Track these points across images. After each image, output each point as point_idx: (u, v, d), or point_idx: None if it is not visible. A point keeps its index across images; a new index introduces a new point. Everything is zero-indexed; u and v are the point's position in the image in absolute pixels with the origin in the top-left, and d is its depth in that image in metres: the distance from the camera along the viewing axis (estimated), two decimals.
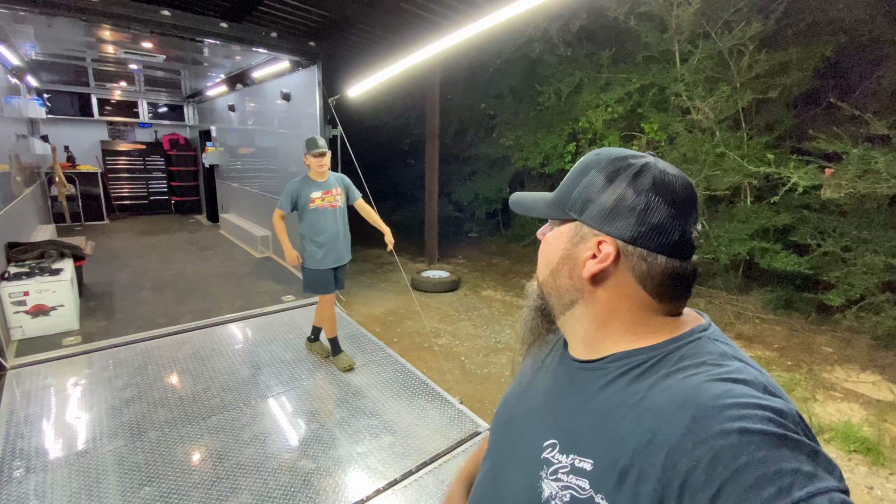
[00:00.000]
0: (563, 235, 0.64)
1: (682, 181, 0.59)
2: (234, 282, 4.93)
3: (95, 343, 3.36)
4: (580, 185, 0.63)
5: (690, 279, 0.60)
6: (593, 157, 0.64)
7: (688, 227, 0.58)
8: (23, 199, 4.92)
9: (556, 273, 0.65)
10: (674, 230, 0.57)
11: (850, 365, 3.93)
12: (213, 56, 5.14)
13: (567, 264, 0.63)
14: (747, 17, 4.63)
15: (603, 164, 0.62)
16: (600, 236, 0.60)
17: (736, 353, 0.57)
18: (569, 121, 6.33)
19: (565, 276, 0.63)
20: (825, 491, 0.41)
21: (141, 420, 2.54)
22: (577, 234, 0.62)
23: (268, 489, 2.09)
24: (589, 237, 0.61)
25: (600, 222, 0.60)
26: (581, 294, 0.62)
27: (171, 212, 9.31)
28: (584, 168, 0.64)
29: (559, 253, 0.64)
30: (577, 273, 0.62)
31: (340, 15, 4.44)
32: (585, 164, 0.64)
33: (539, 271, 0.69)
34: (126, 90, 8.17)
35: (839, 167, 3.91)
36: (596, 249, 0.60)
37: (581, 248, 0.62)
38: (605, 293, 0.61)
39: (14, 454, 2.22)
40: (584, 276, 0.61)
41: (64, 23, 3.73)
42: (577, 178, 0.64)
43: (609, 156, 0.62)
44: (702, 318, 0.65)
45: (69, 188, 7.16)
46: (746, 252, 4.89)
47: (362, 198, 3.38)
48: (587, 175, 0.62)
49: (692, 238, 0.59)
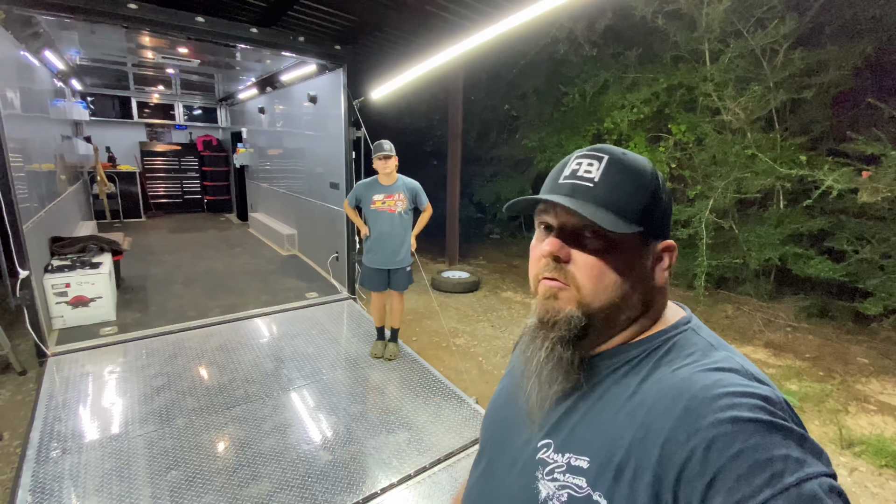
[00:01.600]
0: (626, 248, 0.59)
1: None
2: (260, 278, 5.08)
3: (130, 333, 3.53)
4: (637, 194, 0.59)
5: None
6: (640, 164, 0.61)
7: None
8: (66, 197, 5.20)
9: (630, 288, 0.59)
10: None
11: (886, 377, 3.75)
12: (244, 60, 5.32)
13: (638, 276, 0.59)
14: (781, 15, 4.48)
15: (650, 172, 0.60)
16: (664, 242, 0.62)
17: (720, 343, 0.59)
18: (593, 121, 6.26)
19: (640, 290, 0.60)
20: (815, 476, 0.42)
21: (170, 407, 2.65)
22: (643, 244, 0.60)
23: (286, 478, 2.16)
24: (652, 245, 0.61)
25: (661, 228, 0.61)
26: (649, 305, 0.62)
27: (204, 210, 9.64)
28: (634, 175, 0.60)
29: (627, 266, 0.59)
30: (650, 285, 0.61)
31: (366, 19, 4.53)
32: (637, 173, 0.60)
33: (589, 293, 0.58)
34: (163, 93, 8.52)
35: (877, 170, 3.74)
36: (664, 256, 0.62)
37: (646, 259, 0.60)
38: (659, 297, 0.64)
39: (52, 436, 2.36)
40: (658, 284, 0.61)
41: (106, 29, 3.94)
42: (631, 187, 0.59)
43: (648, 164, 0.61)
44: (683, 310, 0.66)
45: (110, 187, 7.53)
46: (778, 257, 4.72)
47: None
48: (640, 182, 0.59)
49: None
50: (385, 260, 3.31)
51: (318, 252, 5.40)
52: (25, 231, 3.06)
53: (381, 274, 3.35)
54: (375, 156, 3.17)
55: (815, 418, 3.26)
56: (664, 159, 5.55)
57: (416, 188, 3.35)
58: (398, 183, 3.28)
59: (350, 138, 4.39)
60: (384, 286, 3.39)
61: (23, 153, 3.39)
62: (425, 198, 3.38)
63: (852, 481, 2.68)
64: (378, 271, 3.34)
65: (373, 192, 3.26)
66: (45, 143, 4.44)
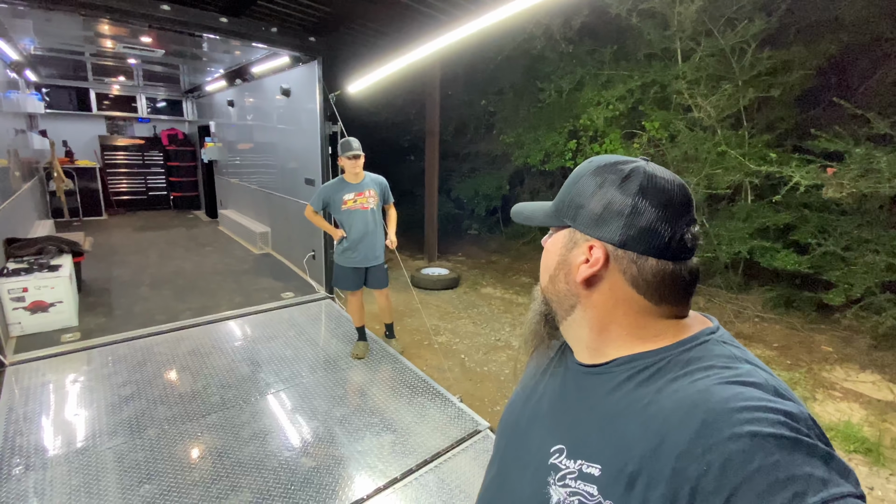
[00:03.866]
0: (559, 242, 0.66)
1: (674, 184, 0.59)
2: (232, 278, 4.92)
3: (94, 340, 3.35)
4: (573, 192, 0.64)
5: (688, 281, 0.59)
6: (586, 165, 0.65)
7: (679, 230, 0.57)
8: (21, 195, 4.89)
9: (555, 279, 0.66)
10: (663, 233, 0.57)
11: (849, 364, 3.93)
12: (212, 51, 5.11)
13: (563, 270, 0.65)
14: (750, 15, 4.61)
15: (593, 170, 0.63)
16: (591, 241, 0.61)
17: (745, 355, 0.57)
18: (570, 118, 6.31)
19: (562, 281, 0.65)
20: (840, 497, 0.40)
21: (140, 417, 2.53)
22: (571, 239, 0.64)
23: (268, 487, 2.09)
24: (581, 242, 0.62)
25: (590, 227, 0.61)
26: (578, 299, 0.63)
27: (170, 207, 9.28)
28: (577, 175, 0.65)
29: (556, 259, 0.66)
30: (572, 278, 0.63)
31: (341, 10, 4.41)
32: (579, 171, 0.65)
33: (541, 278, 0.70)
34: (124, 85, 8.12)
35: (841, 166, 3.90)
36: (587, 254, 0.61)
37: (575, 254, 0.63)
38: (601, 297, 0.61)
39: (13, 451, 2.21)
40: (577, 280, 0.62)
41: (62, 17, 3.70)
42: (571, 186, 0.65)
43: (600, 162, 0.63)
44: (709, 321, 0.64)
45: (67, 183, 7.12)
46: (747, 251, 4.88)
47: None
48: (579, 182, 0.64)
49: (686, 240, 0.58)
50: (364, 257, 3.26)
51: (294, 250, 5.27)
52: None
53: (357, 273, 3.30)
54: (345, 155, 3.09)
55: None
56: (638, 156, 5.64)
57: (384, 183, 3.35)
58: (366, 180, 3.24)
59: (326, 133, 4.28)
60: (360, 284, 3.34)
61: None
62: (391, 195, 3.39)
63: None
64: (355, 270, 3.29)
65: (342, 192, 3.17)
66: None
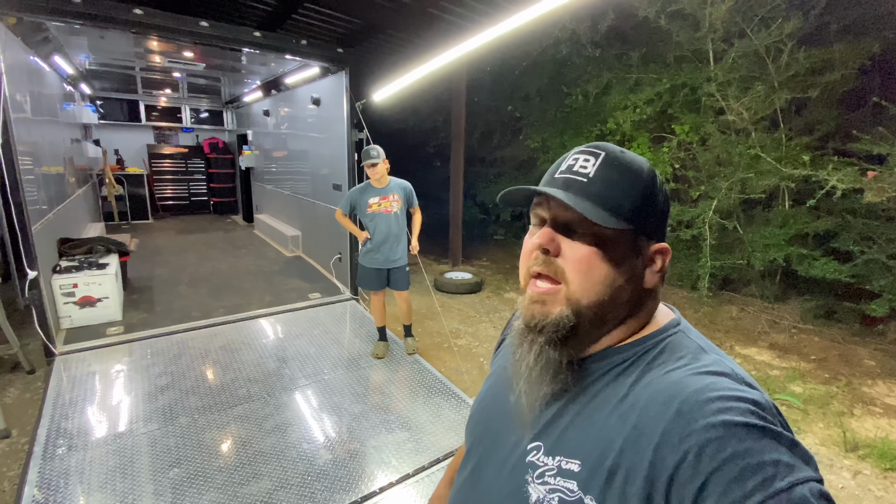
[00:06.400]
0: (618, 248, 0.58)
1: None
2: (264, 279, 5.13)
3: (136, 333, 3.58)
4: (634, 192, 0.58)
5: None
6: (638, 163, 0.60)
7: None
8: (75, 199, 5.28)
9: (622, 288, 0.58)
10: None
11: (893, 379, 3.70)
12: (249, 63, 5.38)
13: (627, 277, 0.59)
14: (785, 14, 4.45)
15: (647, 170, 0.60)
16: (657, 244, 0.61)
17: (709, 346, 0.59)
18: (596, 122, 6.25)
19: (627, 291, 0.59)
20: (804, 481, 0.42)
21: (173, 406, 2.69)
22: (635, 244, 0.59)
23: (286, 476, 2.18)
24: (644, 246, 0.60)
25: (656, 229, 0.61)
26: (638, 307, 0.61)
27: (210, 212, 9.73)
28: (634, 176, 0.59)
29: (616, 267, 0.58)
30: (638, 287, 0.60)
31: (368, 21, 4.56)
32: (634, 171, 0.59)
33: (579, 288, 0.58)
34: (170, 97, 8.62)
35: (883, 169, 3.70)
36: (657, 259, 0.61)
37: (637, 259, 0.60)
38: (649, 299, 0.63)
39: (58, 433, 2.40)
40: (648, 286, 0.61)
41: (114, 34, 4.00)
42: (630, 186, 0.58)
43: (645, 164, 0.61)
44: (672, 311, 0.65)
45: (118, 189, 7.63)
46: (783, 258, 4.68)
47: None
48: (640, 183, 0.59)
49: None
50: (385, 260, 3.35)
51: (322, 253, 5.44)
52: (34, 232, 3.12)
53: (380, 274, 3.40)
54: (364, 163, 3.23)
55: (819, 420, 3.23)
56: (667, 160, 5.53)
57: (409, 188, 3.45)
58: (391, 184, 3.36)
59: (352, 140, 4.43)
60: (383, 285, 3.44)
61: (32, 156, 3.45)
62: (416, 199, 3.48)
63: (856, 484, 2.65)
64: (377, 271, 3.39)
65: (367, 196, 3.32)
66: (55, 147, 4.52)
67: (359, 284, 3.71)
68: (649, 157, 5.55)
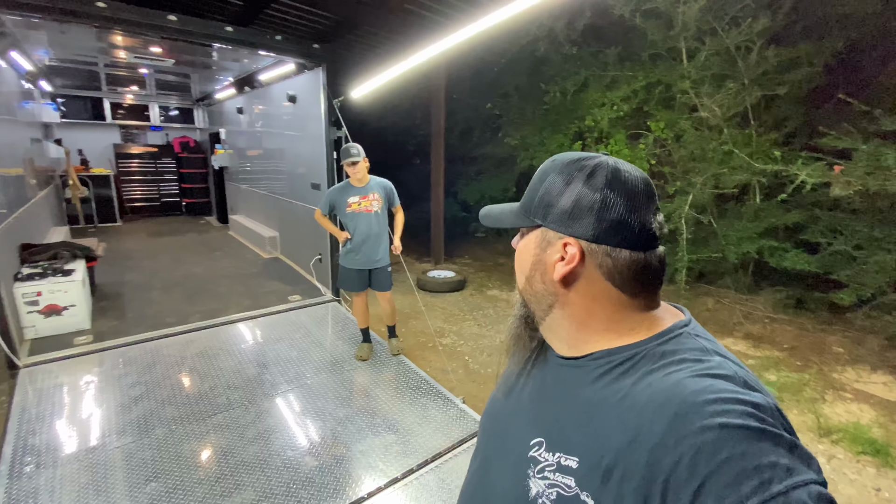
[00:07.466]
0: (532, 242, 0.66)
1: (637, 175, 0.60)
2: (241, 282, 4.99)
3: (106, 342, 3.43)
4: (541, 191, 0.64)
5: (658, 270, 0.61)
6: (549, 163, 0.66)
7: (647, 219, 0.59)
8: (37, 202, 5.03)
9: (531, 279, 0.66)
10: (633, 223, 0.58)
11: (861, 365, 3.86)
12: (221, 59, 5.21)
13: (538, 269, 0.65)
14: (754, 13, 4.57)
15: (558, 167, 0.63)
16: (564, 238, 0.61)
17: (716, 347, 0.58)
18: (574, 119, 6.30)
19: (538, 281, 0.65)
20: (803, 484, 0.41)
21: (149, 417, 2.59)
22: (544, 238, 0.64)
23: (270, 486, 2.12)
24: (554, 241, 0.62)
25: (562, 224, 0.61)
26: (556, 297, 0.64)
27: (182, 213, 9.44)
28: (542, 174, 0.65)
29: (530, 259, 0.66)
30: (548, 277, 0.63)
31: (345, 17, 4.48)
32: (543, 170, 0.65)
33: (517, 280, 0.70)
34: (137, 94, 8.31)
35: (849, 164, 3.85)
36: (562, 252, 0.61)
37: (549, 253, 0.63)
38: (578, 294, 0.62)
39: (25, 450, 2.28)
40: (555, 279, 0.62)
41: (76, 29, 3.81)
42: (538, 185, 0.65)
43: (564, 160, 0.64)
44: (681, 313, 0.65)
45: (83, 191, 7.30)
46: (755, 251, 4.82)
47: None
48: (546, 180, 0.64)
49: (654, 229, 0.60)
50: (366, 260, 3.30)
51: (301, 254, 5.33)
52: None
53: (361, 274, 3.34)
54: (344, 161, 3.17)
55: (793, 407, 3.34)
56: (644, 156, 5.61)
57: (390, 187, 3.40)
58: (371, 183, 3.30)
59: (331, 138, 4.34)
60: (364, 286, 3.38)
61: None
62: (397, 198, 3.43)
63: (830, 468, 2.75)
64: (359, 272, 3.33)
65: (347, 195, 3.25)
66: (13, 147, 4.28)
67: (340, 286, 3.63)
68: (626, 154, 5.64)
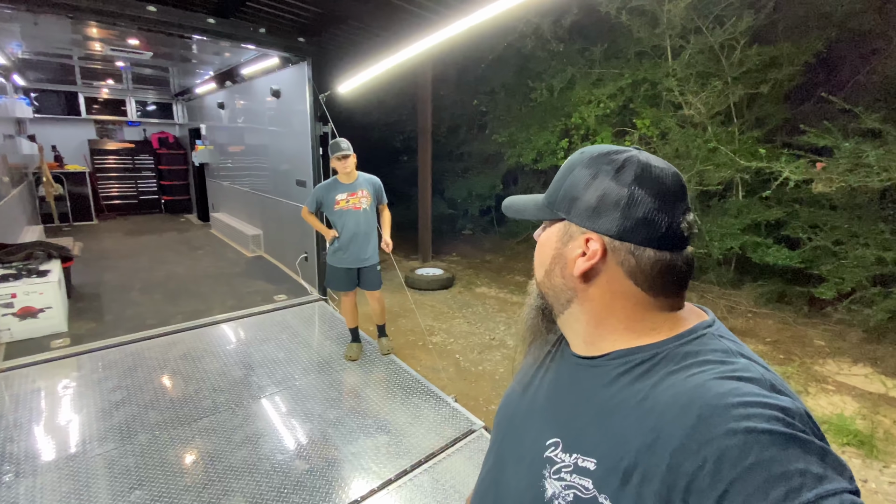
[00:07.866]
0: (554, 235, 0.65)
1: (668, 172, 0.58)
2: (225, 281, 4.89)
3: (84, 345, 3.31)
4: (566, 183, 0.63)
5: (684, 272, 0.59)
6: (577, 156, 0.64)
7: (676, 219, 0.57)
8: (9, 201, 4.84)
9: (550, 273, 0.65)
10: (660, 222, 0.56)
11: (842, 358, 3.96)
12: (201, 53, 5.07)
13: (559, 264, 0.63)
14: (738, 12, 4.64)
15: (586, 161, 0.62)
16: (587, 233, 0.60)
17: (741, 349, 0.56)
18: (561, 116, 6.32)
19: (558, 275, 0.64)
20: (834, 493, 0.40)
21: (131, 423, 2.50)
22: (566, 233, 0.62)
23: (260, 491, 2.07)
24: (577, 235, 0.61)
25: (586, 219, 0.60)
26: (575, 293, 0.62)
27: (162, 211, 9.21)
28: (569, 167, 0.64)
29: (551, 253, 0.65)
30: (568, 272, 0.62)
31: (330, 10, 4.39)
32: (571, 162, 0.64)
33: (536, 272, 0.69)
34: (113, 88, 8.06)
35: (830, 161, 3.93)
36: (584, 247, 0.60)
37: (570, 247, 0.62)
38: (598, 290, 0.60)
39: (3, 458, 2.18)
40: (575, 274, 0.61)
41: (50, 20, 3.66)
42: (564, 178, 0.63)
43: (592, 153, 0.62)
44: (705, 313, 0.63)
45: (57, 188, 7.05)
46: (738, 246, 4.91)
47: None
48: (572, 173, 0.62)
49: (682, 229, 0.57)
50: (354, 259, 3.24)
51: (286, 252, 5.24)
52: None
53: (350, 273, 3.28)
54: (334, 156, 3.10)
55: None
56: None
57: (378, 184, 3.33)
58: (359, 180, 3.23)
59: (317, 134, 4.27)
60: (353, 286, 3.33)
61: None
62: (384, 195, 3.37)
63: None
64: (347, 271, 3.27)
65: (335, 192, 3.18)
66: None
67: (328, 286, 3.56)
68: None
